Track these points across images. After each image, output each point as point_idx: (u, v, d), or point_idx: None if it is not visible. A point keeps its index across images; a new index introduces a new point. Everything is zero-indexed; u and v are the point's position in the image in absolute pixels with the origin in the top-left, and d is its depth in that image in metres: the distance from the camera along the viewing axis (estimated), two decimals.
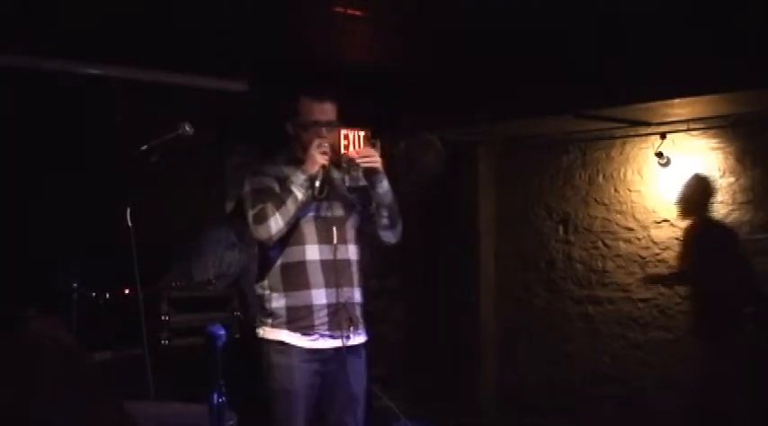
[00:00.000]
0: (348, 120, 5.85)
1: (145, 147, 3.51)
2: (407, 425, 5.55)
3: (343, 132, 5.90)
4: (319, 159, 3.31)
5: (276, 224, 3.27)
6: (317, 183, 3.33)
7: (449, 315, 6.64)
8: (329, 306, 3.37)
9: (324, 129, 3.42)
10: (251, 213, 3.31)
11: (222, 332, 2.76)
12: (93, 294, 4.46)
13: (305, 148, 3.36)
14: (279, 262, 3.39)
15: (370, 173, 3.39)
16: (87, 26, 4.44)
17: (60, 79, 4.71)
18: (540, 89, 5.30)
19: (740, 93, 4.94)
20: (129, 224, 3.51)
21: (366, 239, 3.58)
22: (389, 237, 3.56)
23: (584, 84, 5.16)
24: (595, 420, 6.08)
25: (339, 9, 4.37)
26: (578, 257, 6.33)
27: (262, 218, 3.27)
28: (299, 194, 3.28)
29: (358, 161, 3.36)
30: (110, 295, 4.48)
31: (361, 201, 3.53)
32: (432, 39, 4.92)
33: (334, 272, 3.38)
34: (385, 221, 3.50)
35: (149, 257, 3.53)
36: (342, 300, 3.38)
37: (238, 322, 4.76)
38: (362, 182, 3.37)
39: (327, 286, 3.38)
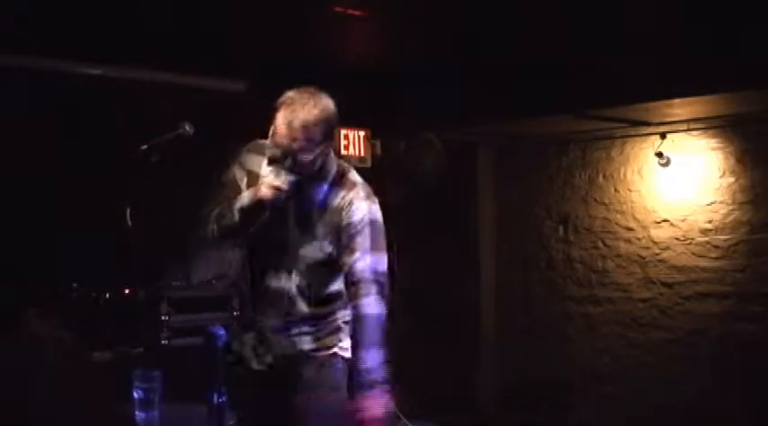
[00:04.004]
0: (348, 120, 5.89)
1: (145, 147, 3.50)
2: (407, 425, 5.55)
3: (344, 132, 5.92)
4: (263, 192, 2.91)
5: (212, 233, 3.03)
6: (266, 213, 2.95)
7: (449, 315, 6.64)
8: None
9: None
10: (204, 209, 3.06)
11: (222, 332, 2.75)
12: (93, 294, 4.46)
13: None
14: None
15: None
16: (87, 26, 4.44)
17: (60, 79, 4.71)
18: (540, 89, 5.30)
19: (740, 93, 4.94)
20: (129, 224, 3.51)
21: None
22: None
23: (584, 84, 5.16)
24: (595, 420, 6.08)
25: (339, 9, 4.38)
26: (578, 257, 6.33)
27: (204, 222, 3.05)
28: (237, 217, 2.95)
29: None
30: (110, 295, 4.48)
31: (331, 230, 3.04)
32: (432, 39, 4.92)
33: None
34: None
35: (149, 257, 3.53)
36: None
37: (238, 322, 4.75)
38: None
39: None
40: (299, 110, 2.87)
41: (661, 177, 5.91)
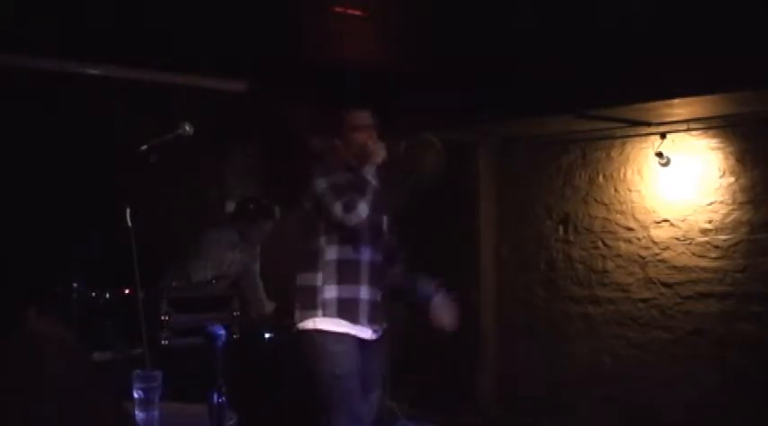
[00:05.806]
0: None
1: (145, 147, 3.51)
2: (407, 425, 5.55)
3: None
4: (381, 150, 3.92)
5: (364, 210, 3.69)
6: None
7: None
8: (371, 301, 3.86)
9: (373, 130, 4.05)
10: (338, 204, 3.70)
11: (222, 332, 2.75)
12: (93, 294, 4.46)
13: (361, 148, 3.90)
14: (335, 258, 3.82)
15: None
16: (87, 26, 4.44)
17: (60, 79, 4.71)
18: (540, 89, 5.30)
19: (740, 93, 4.94)
20: (129, 224, 3.51)
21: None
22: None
23: (584, 84, 5.15)
24: (595, 420, 6.08)
25: (339, 9, 4.38)
26: (578, 257, 6.33)
27: (351, 207, 3.69)
28: (374, 181, 3.78)
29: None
30: (110, 295, 4.48)
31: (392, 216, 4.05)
32: (432, 39, 4.92)
33: (376, 272, 3.89)
34: None
35: (149, 257, 3.53)
36: (377, 297, 3.90)
37: (238, 322, 4.75)
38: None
39: (371, 283, 3.86)
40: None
41: (661, 177, 5.91)
